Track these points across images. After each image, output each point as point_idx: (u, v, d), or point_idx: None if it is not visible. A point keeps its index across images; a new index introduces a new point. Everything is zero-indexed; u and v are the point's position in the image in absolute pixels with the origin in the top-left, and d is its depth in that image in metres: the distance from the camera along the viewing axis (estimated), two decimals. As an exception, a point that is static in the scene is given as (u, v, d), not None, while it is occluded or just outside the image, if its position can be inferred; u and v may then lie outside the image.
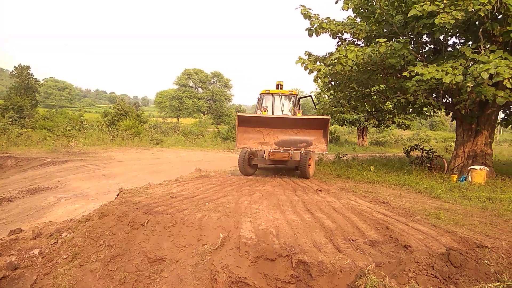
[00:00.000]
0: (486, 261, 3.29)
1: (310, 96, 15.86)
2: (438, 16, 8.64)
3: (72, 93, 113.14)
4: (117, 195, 7.34)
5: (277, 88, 12.19)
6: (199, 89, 78.39)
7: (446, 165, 12.73)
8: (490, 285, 2.54)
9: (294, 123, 10.14)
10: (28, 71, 48.71)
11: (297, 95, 12.58)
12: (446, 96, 12.69)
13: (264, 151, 10.70)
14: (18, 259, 5.43)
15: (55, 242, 5.91)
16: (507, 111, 13.31)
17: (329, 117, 10.14)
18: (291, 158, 10.61)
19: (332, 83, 13.85)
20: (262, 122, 10.14)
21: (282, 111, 12.12)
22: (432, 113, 16.48)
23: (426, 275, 3.25)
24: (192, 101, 73.75)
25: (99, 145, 21.75)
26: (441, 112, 15.84)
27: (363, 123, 30.67)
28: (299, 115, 11.09)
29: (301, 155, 10.59)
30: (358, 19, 12.74)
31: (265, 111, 11.54)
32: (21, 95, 40.96)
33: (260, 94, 12.53)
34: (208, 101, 77.23)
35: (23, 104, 35.31)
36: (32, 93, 47.44)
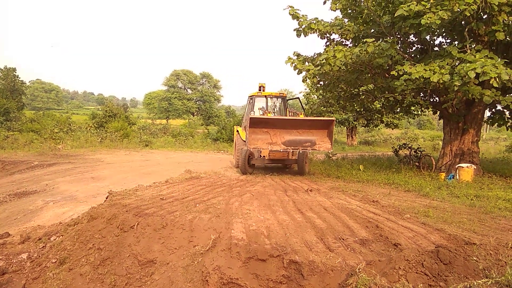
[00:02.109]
0: (474, 258, 3.33)
1: (298, 98, 16.16)
2: (425, 16, 8.74)
3: (59, 95, 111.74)
4: (106, 198, 7.26)
5: (259, 90, 12.60)
6: (188, 90, 78.07)
7: (434, 163, 12.88)
8: (479, 281, 2.58)
9: (301, 124, 10.69)
10: (14, 73, 47.95)
11: (286, 96, 12.90)
12: (434, 95, 12.85)
13: (260, 151, 11.35)
14: (6, 263, 5.35)
15: (43, 246, 5.84)
16: (493, 110, 13.51)
17: (333, 118, 10.68)
18: (289, 157, 11.53)
19: (321, 83, 13.92)
20: (269, 123, 10.59)
21: (274, 112, 12.35)
22: (419, 112, 16.67)
23: (416, 272, 3.28)
24: (181, 102, 73.42)
25: (87, 147, 21.53)
26: (429, 111, 16.03)
27: (352, 122, 30.89)
28: (302, 116, 11.98)
29: (299, 153, 11.24)
30: (346, 20, 12.82)
31: (269, 113, 12.12)
32: (7, 98, 40.29)
33: (251, 96, 12.73)
34: (197, 102, 76.95)
35: (9, 106, 34.82)
36: (19, 96, 46.74)
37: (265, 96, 12.66)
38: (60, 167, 13.85)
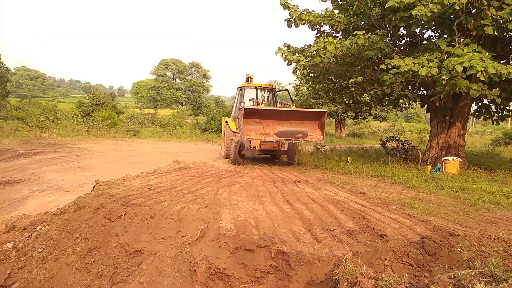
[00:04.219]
0: (458, 249, 3.39)
1: (287, 90, 16.20)
2: (415, 8, 8.77)
3: (45, 83, 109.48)
4: (93, 187, 7.20)
5: (246, 81, 12.62)
6: (177, 79, 77.21)
7: (420, 156, 13.03)
8: (463, 272, 2.62)
9: (293, 115, 10.86)
10: (-2, 59, 46.80)
11: (275, 88, 12.93)
12: (422, 89, 12.96)
13: (251, 141, 11.43)
14: (-10, 253, 5.28)
15: (29, 236, 5.77)
16: (480, 104, 13.69)
17: (326, 110, 11.01)
18: (279, 147, 11.83)
19: (311, 75, 13.91)
20: (262, 114, 10.71)
21: (263, 103, 12.34)
22: (407, 105, 16.80)
23: (402, 263, 3.32)
24: (170, 92, 72.60)
25: (74, 136, 21.22)
26: (416, 104, 16.21)
27: (341, 115, 30.97)
28: (293, 108, 11.98)
29: (289, 144, 11.67)
30: (337, 11, 12.79)
31: (262, 104, 12.10)
32: (-9, 85, 39.43)
33: (240, 87, 12.71)
34: (186, 92, 76.20)
35: (-6, 94, 34.04)
36: (3, 83, 45.56)
37: (255, 88, 12.69)
38: (46, 156, 13.64)
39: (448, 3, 8.62)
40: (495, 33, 10.01)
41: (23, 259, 5.26)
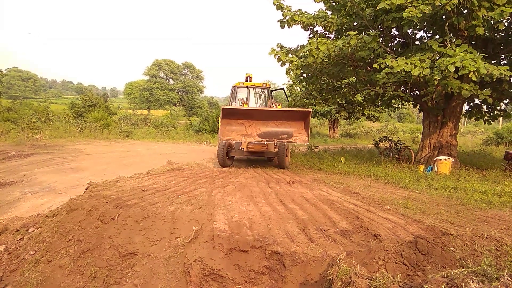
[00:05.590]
0: (451, 248, 3.41)
1: (283, 88, 16.03)
2: (406, 10, 8.82)
3: (37, 84, 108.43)
4: (86, 189, 7.14)
5: (246, 81, 12.33)
6: (170, 80, 76.90)
7: (413, 156, 13.11)
8: (456, 271, 2.64)
9: (276, 115, 10.31)
10: (-11, 60, 46.32)
11: (270, 87, 12.72)
12: (414, 89, 13.03)
13: (241, 142, 10.69)
14: (-19, 256, 5.22)
15: (21, 238, 5.72)
16: (471, 104, 13.81)
17: (310, 109, 10.36)
18: (269, 149, 10.78)
19: (304, 75, 13.93)
20: (244, 114, 10.26)
21: (256, 103, 12.19)
22: (400, 105, 16.89)
23: (395, 262, 3.34)
24: (163, 93, 72.30)
25: (66, 137, 21.07)
26: (409, 105, 16.28)
27: (334, 115, 31.06)
28: (280, 108, 11.21)
29: (279, 146, 10.71)
30: (329, 12, 12.83)
31: (246, 104, 11.62)
32: (-18, 86, 39.04)
33: (234, 86, 12.54)
34: (179, 93, 75.94)
35: (-16, 95, 33.68)
36: (-6, 84, 45.24)
37: (247, 87, 12.41)
38: (38, 157, 13.53)
39: (440, 4, 8.68)
40: (486, 33, 10.10)
41: (15, 262, 5.21)
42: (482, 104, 13.15)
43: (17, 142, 17.97)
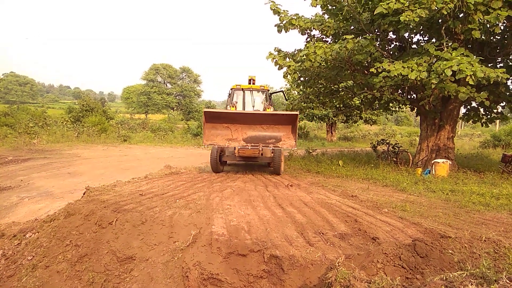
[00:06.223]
0: (450, 251, 3.41)
1: (282, 91, 15.96)
2: (403, 13, 8.87)
3: (34, 89, 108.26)
4: (84, 194, 7.13)
5: (249, 83, 12.09)
6: (168, 84, 76.92)
7: (411, 159, 13.13)
8: (454, 273, 2.64)
9: (263, 118, 9.95)
10: (-14, 65, 46.24)
11: (268, 90, 12.55)
12: (411, 92, 13.09)
13: (235, 147, 10.36)
14: (-22, 262, 5.19)
15: (18, 243, 5.69)
16: (468, 106, 13.86)
17: (297, 112, 9.97)
18: (262, 154, 10.38)
19: (302, 79, 13.95)
20: (230, 118, 9.91)
21: (253, 106, 12.00)
22: (397, 108, 16.95)
23: (394, 265, 3.34)
24: (161, 97, 72.27)
25: (63, 142, 21.05)
26: (406, 108, 16.32)
27: (332, 118, 31.08)
28: (269, 111, 10.86)
29: (274, 152, 10.38)
30: (326, 16, 12.88)
31: (233, 107, 11.25)
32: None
33: (231, 89, 12.43)
34: (177, 97, 75.94)
35: (-19, 100, 33.57)
36: (-9, 89, 45.16)
37: (242, 89, 11.98)
38: (35, 162, 13.50)
39: (436, 8, 8.73)
40: (483, 37, 10.18)
41: (12, 267, 5.18)
42: (479, 107, 13.20)
43: (14, 147, 17.94)
